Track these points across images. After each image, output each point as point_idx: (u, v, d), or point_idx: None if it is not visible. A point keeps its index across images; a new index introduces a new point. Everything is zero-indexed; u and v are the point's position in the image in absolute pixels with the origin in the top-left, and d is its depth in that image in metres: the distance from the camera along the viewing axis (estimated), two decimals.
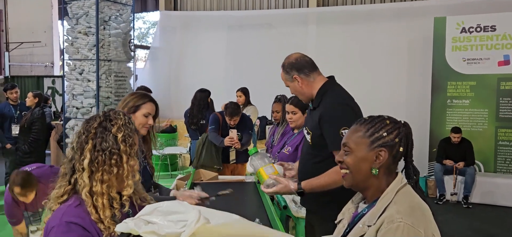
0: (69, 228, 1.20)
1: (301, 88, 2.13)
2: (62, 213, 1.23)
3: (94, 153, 1.27)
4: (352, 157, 1.30)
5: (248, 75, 7.78)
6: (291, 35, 8.07)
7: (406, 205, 1.20)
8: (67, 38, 6.44)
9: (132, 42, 6.89)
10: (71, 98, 6.38)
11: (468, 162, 5.93)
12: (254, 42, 8.55)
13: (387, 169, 1.29)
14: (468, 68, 6.32)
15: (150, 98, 2.18)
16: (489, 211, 5.58)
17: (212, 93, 5.36)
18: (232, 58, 8.80)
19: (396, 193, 1.24)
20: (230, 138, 4.10)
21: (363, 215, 1.29)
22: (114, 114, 1.35)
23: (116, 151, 1.28)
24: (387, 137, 1.27)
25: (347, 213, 1.42)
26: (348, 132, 1.35)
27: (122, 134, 1.30)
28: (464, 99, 6.38)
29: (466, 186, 5.85)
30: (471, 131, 6.25)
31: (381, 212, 1.21)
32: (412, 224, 1.14)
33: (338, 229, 1.40)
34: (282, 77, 2.20)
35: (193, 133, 5.19)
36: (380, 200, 1.25)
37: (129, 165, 1.31)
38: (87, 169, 1.25)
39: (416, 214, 1.18)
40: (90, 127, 1.30)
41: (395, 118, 1.34)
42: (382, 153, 1.26)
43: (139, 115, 2.11)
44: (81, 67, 6.30)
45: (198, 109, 5.04)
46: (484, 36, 6.22)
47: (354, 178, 1.30)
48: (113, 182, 1.28)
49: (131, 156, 1.32)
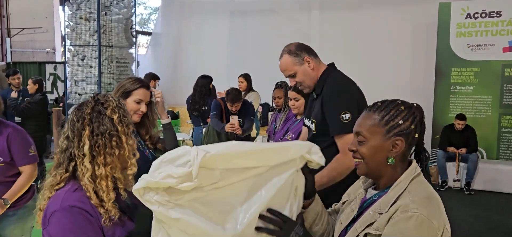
0: (72, 212, 1.19)
1: (311, 71, 2.09)
2: (61, 198, 1.22)
3: (93, 138, 1.26)
4: (367, 147, 1.23)
5: (251, 61, 7.74)
6: (294, 21, 8.00)
7: (421, 195, 1.16)
8: (68, 23, 6.41)
9: (134, 28, 6.85)
10: (73, 84, 6.38)
11: (471, 149, 5.91)
12: (257, 28, 8.49)
13: (402, 156, 1.23)
14: (473, 54, 6.26)
15: (143, 84, 2.12)
16: (491, 198, 5.58)
17: (214, 79, 5.34)
18: (234, 44, 8.74)
19: (410, 182, 1.19)
20: (231, 124, 4.07)
21: (374, 202, 1.24)
22: (104, 97, 1.35)
23: (115, 133, 1.28)
24: (403, 125, 1.21)
25: (353, 196, 1.37)
26: (361, 119, 1.28)
27: (117, 115, 1.30)
28: (468, 86, 6.33)
29: (469, 172, 5.85)
30: (474, 118, 6.23)
31: (394, 200, 1.17)
32: (427, 215, 1.10)
33: (346, 213, 1.35)
34: (286, 64, 2.10)
35: (195, 119, 5.18)
36: (393, 188, 1.20)
37: (129, 144, 1.31)
38: (88, 154, 1.24)
39: (431, 205, 1.14)
40: (83, 113, 1.29)
41: (407, 101, 1.28)
42: (399, 142, 1.21)
43: (130, 101, 2.06)
44: (82, 53, 6.28)
45: (200, 95, 5.02)
46: (489, 22, 6.14)
47: (369, 167, 1.25)
48: (117, 163, 1.29)
49: (129, 135, 1.33)
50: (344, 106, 1.95)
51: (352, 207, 1.33)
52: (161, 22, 9.89)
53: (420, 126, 1.24)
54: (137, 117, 2.09)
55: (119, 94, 2.06)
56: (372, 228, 1.17)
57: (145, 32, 12.14)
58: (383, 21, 7.40)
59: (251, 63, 7.52)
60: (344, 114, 1.93)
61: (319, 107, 2.05)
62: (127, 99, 2.05)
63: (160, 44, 9.72)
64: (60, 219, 1.18)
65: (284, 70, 2.12)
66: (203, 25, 9.00)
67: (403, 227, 1.10)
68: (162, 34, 9.75)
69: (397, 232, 1.11)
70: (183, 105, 6.25)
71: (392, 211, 1.15)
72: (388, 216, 1.15)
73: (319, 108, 2.05)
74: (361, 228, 1.21)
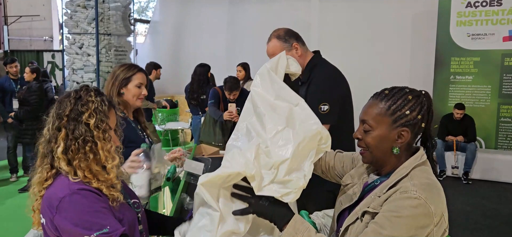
0: (83, 194, 1.18)
1: (299, 57, 2.08)
2: (68, 183, 1.20)
3: (68, 141, 1.23)
4: (372, 136, 1.23)
5: (249, 50, 7.69)
6: (294, 9, 7.94)
7: (423, 181, 1.15)
8: (66, 11, 6.36)
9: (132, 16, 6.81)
10: (71, 72, 6.36)
11: (469, 138, 5.93)
12: (256, 16, 8.42)
13: (407, 145, 1.23)
14: (473, 43, 6.23)
15: (139, 68, 2.13)
16: (488, 187, 5.61)
17: (213, 67, 5.32)
18: (233, 32, 8.69)
19: (412, 168, 1.19)
20: (229, 112, 4.06)
21: (375, 187, 1.25)
22: (86, 94, 1.29)
23: (90, 138, 1.24)
24: (410, 115, 1.19)
25: (356, 180, 1.37)
26: (367, 107, 1.26)
27: (94, 120, 1.25)
28: (468, 75, 6.32)
29: (467, 162, 5.86)
30: (473, 107, 6.23)
31: (394, 183, 1.18)
32: (425, 199, 1.09)
33: (347, 195, 1.36)
34: (274, 48, 2.08)
35: (193, 108, 5.17)
36: (395, 174, 1.21)
37: (106, 150, 1.27)
38: (62, 157, 1.22)
39: (431, 191, 1.13)
40: (62, 113, 1.26)
41: (415, 89, 1.26)
42: (405, 133, 1.20)
43: (131, 87, 2.06)
44: (80, 41, 6.24)
45: (198, 84, 5.00)
46: (490, 10, 6.11)
47: (373, 156, 1.25)
48: (94, 167, 1.24)
49: (106, 140, 1.27)
50: (325, 98, 1.96)
51: (354, 190, 1.34)
52: (160, 10, 9.81)
53: (428, 115, 1.24)
54: (140, 102, 2.10)
55: (117, 85, 2.04)
56: (370, 207, 1.18)
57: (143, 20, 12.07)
58: (383, 9, 7.35)
59: (250, 51, 7.48)
60: (322, 105, 1.94)
61: (304, 94, 2.04)
62: (127, 86, 2.05)
63: (159, 32, 9.66)
64: (71, 203, 1.16)
65: (271, 54, 2.09)
66: (202, 13, 8.94)
67: (399, 205, 1.10)
68: (161, 22, 9.68)
69: (392, 208, 1.11)
70: (182, 94, 6.23)
71: (391, 193, 1.15)
72: (385, 197, 1.16)
73: (304, 95, 2.04)
74: (360, 211, 1.21)
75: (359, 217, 1.21)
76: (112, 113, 1.33)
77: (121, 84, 2.04)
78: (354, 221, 1.23)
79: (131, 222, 1.31)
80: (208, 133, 4.21)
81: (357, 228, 1.20)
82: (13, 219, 4.24)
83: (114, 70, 2.11)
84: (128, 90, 2.05)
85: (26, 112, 4.96)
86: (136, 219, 1.35)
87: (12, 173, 5.58)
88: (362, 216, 1.20)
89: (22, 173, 5.70)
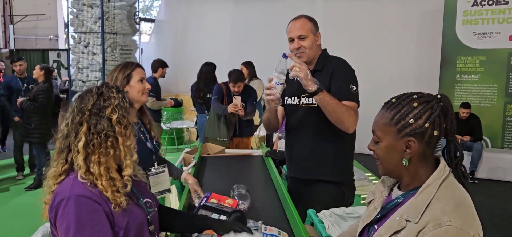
0: (79, 202, 1.18)
1: (317, 46, 2.16)
2: (70, 186, 1.20)
3: (89, 135, 1.23)
4: (380, 147, 1.18)
5: (254, 49, 7.69)
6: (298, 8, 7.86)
7: (452, 203, 1.06)
8: (71, 10, 6.38)
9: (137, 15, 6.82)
10: (76, 71, 6.38)
11: (475, 138, 5.90)
12: (260, 15, 8.42)
13: (421, 156, 1.15)
14: (479, 42, 6.20)
15: (136, 64, 2.11)
16: (495, 187, 5.58)
17: (218, 66, 5.31)
18: (238, 31, 8.69)
19: (439, 186, 1.10)
20: (234, 104, 4.02)
21: (399, 204, 1.17)
22: (108, 90, 1.30)
23: (111, 134, 1.25)
24: (415, 124, 1.12)
25: (378, 195, 1.31)
26: (376, 117, 1.21)
27: (116, 115, 1.26)
28: (474, 74, 6.29)
29: (473, 161, 5.83)
30: (479, 107, 6.20)
31: (424, 209, 1.08)
32: (461, 226, 1.02)
33: (369, 211, 1.29)
34: (304, 25, 2.10)
35: (199, 107, 5.17)
36: (420, 193, 1.11)
37: (126, 146, 1.27)
38: (82, 151, 1.22)
39: (464, 212, 1.06)
40: (84, 108, 1.26)
41: (428, 94, 1.18)
42: (412, 143, 1.13)
43: (134, 83, 2.03)
44: (86, 40, 6.26)
45: (205, 83, 5.00)
46: (496, 9, 6.07)
47: (385, 168, 1.20)
48: (111, 164, 1.25)
49: (127, 136, 1.28)
50: (353, 79, 2.06)
51: (375, 205, 1.28)
52: (164, 9, 9.83)
53: (443, 119, 1.15)
54: (145, 97, 2.08)
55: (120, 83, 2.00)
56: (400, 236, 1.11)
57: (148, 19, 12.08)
58: (388, 7, 7.33)
59: (254, 50, 7.48)
60: (352, 85, 2.04)
61: (326, 81, 2.07)
62: (130, 83, 2.02)
63: (163, 31, 9.68)
64: (66, 209, 1.17)
65: (299, 29, 2.10)
66: (206, 12, 8.95)
67: None
68: (165, 21, 9.70)
69: None
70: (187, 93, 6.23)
71: (423, 223, 1.06)
72: (418, 227, 1.07)
73: (326, 83, 2.06)
74: (386, 235, 1.13)
75: None
76: (131, 110, 1.35)
77: (122, 84, 2.00)
78: None
79: (138, 223, 1.30)
80: (213, 129, 4.19)
81: None
82: (19, 217, 4.27)
83: (111, 73, 2.07)
84: (132, 87, 2.01)
85: (30, 105, 4.97)
86: (145, 220, 1.34)
87: (18, 171, 5.62)
88: None
89: (28, 172, 5.74)
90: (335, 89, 2.03)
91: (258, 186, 2.52)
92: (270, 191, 2.38)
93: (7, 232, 3.91)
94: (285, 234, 1.64)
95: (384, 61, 7.16)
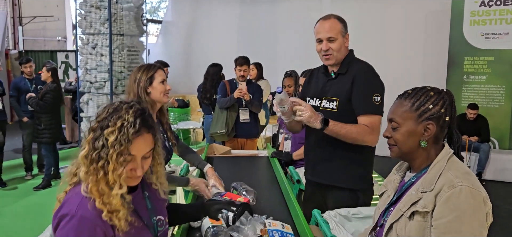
0: (82, 224, 1.12)
1: (345, 48, 2.10)
2: (78, 203, 1.15)
3: (90, 146, 1.17)
4: (400, 132, 1.32)
5: (261, 49, 7.70)
6: (305, 9, 7.93)
7: (461, 171, 1.23)
8: (79, 12, 6.44)
9: (145, 16, 6.87)
10: (84, 72, 6.43)
11: (483, 139, 5.85)
12: (267, 15, 8.43)
13: (435, 139, 1.31)
14: (486, 43, 6.16)
15: (158, 66, 2.18)
16: (502, 188, 5.54)
17: (224, 67, 5.34)
18: (245, 32, 8.71)
19: (447, 161, 1.27)
20: (239, 89, 4.06)
21: (413, 183, 1.32)
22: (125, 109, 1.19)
23: (104, 155, 1.15)
24: (434, 109, 1.29)
25: (390, 184, 1.44)
26: (393, 107, 1.36)
27: (113, 138, 1.15)
28: (481, 75, 6.25)
29: (480, 162, 5.79)
30: (487, 108, 6.15)
31: (437, 178, 1.24)
32: (473, 186, 1.18)
33: (383, 200, 1.43)
34: (335, 26, 2.05)
35: (206, 108, 5.20)
36: (432, 168, 1.28)
37: (116, 174, 1.15)
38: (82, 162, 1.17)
39: (473, 178, 1.21)
40: (98, 117, 1.20)
41: (436, 87, 1.34)
42: (431, 126, 1.29)
43: (156, 84, 2.11)
44: (94, 41, 6.31)
45: (211, 84, 5.03)
46: (504, 9, 6.03)
47: (402, 151, 1.34)
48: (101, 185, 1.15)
49: (119, 163, 1.15)
50: (376, 89, 2.01)
51: (389, 193, 1.42)
52: (171, 10, 9.88)
53: (451, 109, 1.31)
54: (166, 98, 2.16)
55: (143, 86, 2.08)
56: (419, 206, 1.23)
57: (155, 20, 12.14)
58: (396, 8, 7.31)
59: (262, 51, 7.49)
60: (376, 96, 1.99)
61: (347, 86, 2.03)
62: (152, 84, 2.10)
63: (171, 33, 9.72)
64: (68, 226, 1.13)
65: (329, 30, 2.05)
66: (213, 13, 8.98)
67: (457, 202, 1.17)
68: (173, 23, 9.75)
69: (452, 207, 1.17)
70: (194, 94, 6.26)
71: (438, 188, 1.21)
72: (434, 192, 1.21)
73: (347, 87, 2.03)
74: (405, 207, 1.27)
75: (408, 217, 1.26)
76: (139, 140, 1.19)
77: (145, 85, 2.09)
78: (398, 219, 1.28)
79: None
80: (214, 124, 4.25)
81: (406, 227, 1.25)
82: (28, 217, 4.32)
83: (134, 74, 2.13)
84: (154, 88, 2.11)
85: (37, 104, 5.03)
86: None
87: (27, 171, 5.68)
88: (411, 216, 1.25)
89: (37, 172, 5.80)
90: (356, 100, 2.00)
91: (264, 186, 2.53)
92: (275, 191, 2.40)
93: (16, 231, 3.96)
94: (288, 226, 1.71)
95: (391, 62, 7.13)
